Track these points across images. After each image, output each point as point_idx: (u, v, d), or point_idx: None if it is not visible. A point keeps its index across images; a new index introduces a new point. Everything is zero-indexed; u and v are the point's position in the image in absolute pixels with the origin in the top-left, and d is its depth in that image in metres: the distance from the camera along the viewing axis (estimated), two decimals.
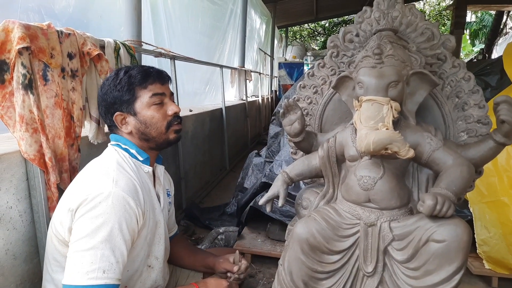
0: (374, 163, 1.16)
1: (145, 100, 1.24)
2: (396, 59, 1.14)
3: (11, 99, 1.29)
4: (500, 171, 2.07)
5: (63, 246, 1.14)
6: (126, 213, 1.09)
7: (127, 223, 1.09)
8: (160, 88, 1.27)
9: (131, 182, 1.15)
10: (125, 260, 1.09)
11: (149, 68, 1.30)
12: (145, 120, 1.25)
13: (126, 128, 1.27)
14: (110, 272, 1.03)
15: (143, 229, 1.19)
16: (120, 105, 1.25)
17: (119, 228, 1.07)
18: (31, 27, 1.29)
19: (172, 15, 3.84)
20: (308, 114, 1.47)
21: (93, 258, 1.02)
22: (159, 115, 1.26)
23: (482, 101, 1.25)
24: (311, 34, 20.29)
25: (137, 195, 1.15)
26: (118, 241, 1.06)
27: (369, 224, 1.14)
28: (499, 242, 2.02)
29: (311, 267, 1.17)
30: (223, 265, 1.46)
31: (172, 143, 1.33)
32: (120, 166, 1.18)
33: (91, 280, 1.01)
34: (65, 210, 1.11)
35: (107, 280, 1.03)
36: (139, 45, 2.41)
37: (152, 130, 1.26)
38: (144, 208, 1.17)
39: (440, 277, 1.01)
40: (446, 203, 0.99)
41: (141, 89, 1.25)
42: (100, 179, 1.12)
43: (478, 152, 1.16)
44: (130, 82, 1.24)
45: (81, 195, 1.08)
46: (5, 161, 1.29)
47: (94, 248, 1.03)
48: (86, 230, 1.04)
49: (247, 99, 6.13)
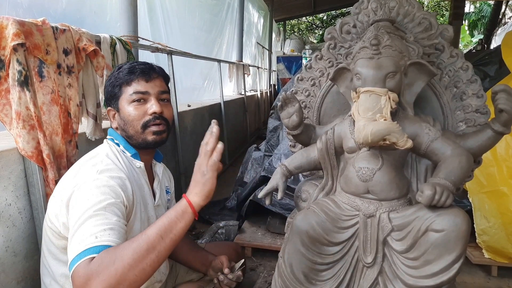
0: (373, 154, 1.16)
1: (126, 97, 1.24)
2: (393, 50, 1.13)
3: (7, 96, 1.28)
4: (499, 161, 2.07)
5: (57, 238, 1.14)
6: (112, 193, 1.07)
7: (115, 202, 1.06)
8: (144, 86, 1.24)
9: (115, 171, 1.15)
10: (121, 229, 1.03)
11: (137, 64, 1.27)
12: (124, 116, 1.24)
13: (114, 123, 1.29)
14: (103, 237, 0.97)
15: (135, 221, 1.18)
16: (111, 100, 1.27)
17: (107, 204, 1.04)
18: (25, 24, 1.29)
19: (169, 10, 3.82)
20: (306, 107, 1.46)
21: (84, 231, 0.98)
22: (136, 113, 1.23)
23: (480, 91, 1.24)
24: (309, 28, 20.20)
25: (123, 182, 1.14)
26: (107, 214, 1.02)
27: (368, 215, 1.14)
28: (498, 232, 2.03)
29: (311, 259, 1.17)
30: (220, 260, 1.46)
31: (152, 145, 1.27)
32: (108, 158, 1.18)
33: (84, 247, 0.95)
34: (58, 201, 1.12)
35: (100, 243, 0.96)
36: (136, 40, 2.40)
37: (130, 127, 1.24)
38: (132, 197, 1.16)
39: (439, 266, 1.02)
40: (445, 193, 0.99)
41: (125, 86, 1.24)
42: (86, 169, 1.13)
43: (477, 142, 1.16)
44: (118, 77, 1.25)
45: (70, 186, 1.10)
46: (3, 158, 1.28)
47: (85, 223, 0.99)
48: (77, 213, 1.02)
49: (245, 94, 6.11)
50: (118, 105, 1.26)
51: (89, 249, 0.94)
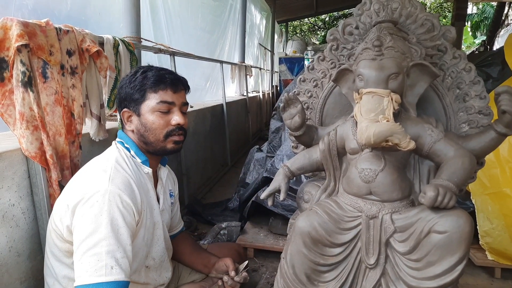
0: (375, 155, 1.16)
1: (151, 104, 1.24)
2: (396, 51, 1.14)
3: (11, 97, 1.29)
4: (502, 163, 2.07)
5: (61, 241, 1.15)
6: (124, 209, 1.09)
7: (125, 218, 1.09)
8: (171, 96, 1.25)
9: (127, 180, 1.16)
10: (130, 255, 1.09)
11: (167, 73, 1.28)
12: (146, 123, 1.25)
13: (130, 126, 1.29)
14: (118, 268, 1.03)
15: (140, 228, 1.19)
16: (129, 102, 1.26)
17: (119, 224, 1.07)
18: (29, 24, 1.29)
19: (172, 11, 3.83)
20: (309, 108, 1.46)
21: (98, 256, 1.02)
22: (161, 122, 1.25)
23: (483, 92, 1.24)
24: (311, 29, 20.19)
25: (133, 193, 1.15)
26: (120, 236, 1.07)
27: (370, 216, 1.14)
28: (501, 233, 2.02)
29: (313, 260, 1.17)
30: (224, 262, 1.46)
31: (169, 153, 1.32)
32: (118, 164, 1.19)
33: (100, 278, 1.01)
34: (64, 206, 1.12)
35: (116, 276, 1.02)
36: (138, 41, 2.41)
37: (151, 135, 1.25)
38: (140, 207, 1.17)
39: (442, 268, 1.01)
40: (448, 194, 0.99)
41: (151, 93, 1.24)
42: (97, 176, 1.13)
43: (479, 143, 1.16)
44: (143, 83, 1.24)
45: (79, 192, 1.10)
46: (7, 159, 1.29)
47: (98, 246, 1.03)
48: (87, 230, 1.04)
49: (248, 95, 6.12)
50: (139, 110, 1.25)
51: (101, 284, 1.00)
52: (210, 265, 1.50)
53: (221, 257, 1.52)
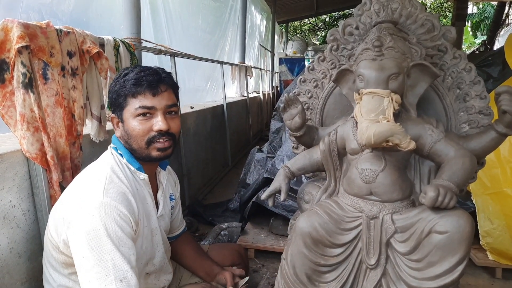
0: (376, 156, 1.15)
1: (131, 110, 1.17)
2: (396, 51, 1.14)
3: (12, 98, 1.29)
4: (503, 163, 2.06)
5: (57, 252, 1.14)
6: (121, 220, 1.07)
7: (123, 229, 1.07)
8: (151, 100, 1.16)
9: (121, 191, 1.12)
10: (135, 265, 1.08)
11: (145, 75, 1.17)
12: (128, 129, 1.18)
13: (117, 132, 1.24)
14: (127, 280, 1.02)
15: (138, 238, 1.17)
16: (115, 107, 1.22)
17: (119, 236, 1.05)
18: (30, 26, 1.29)
19: (172, 12, 3.83)
20: (309, 108, 1.46)
21: (106, 271, 1.01)
22: (141, 129, 1.16)
23: (484, 92, 1.24)
24: (311, 29, 20.19)
25: (130, 204, 1.12)
26: (122, 248, 1.05)
27: (371, 216, 1.14)
28: (502, 234, 2.02)
29: (314, 261, 1.17)
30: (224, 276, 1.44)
31: (155, 160, 1.24)
32: (114, 173, 1.15)
33: None
34: (60, 217, 1.10)
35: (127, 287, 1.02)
36: (139, 42, 2.41)
37: (133, 142, 1.19)
38: (137, 217, 1.15)
39: (443, 268, 1.01)
40: (448, 194, 0.99)
41: (130, 98, 1.17)
42: (92, 187, 1.10)
43: (480, 143, 1.16)
44: (124, 86, 1.17)
45: (74, 204, 1.07)
46: (7, 160, 1.29)
47: (103, 260, 1.01)
48: (88, 245, 1.02)
49: (248, 95, 6.12)
50: (122, 116, 1.19)
51: None
52: (212, 275, 1.47)
53: (224, 267, 1.49)
